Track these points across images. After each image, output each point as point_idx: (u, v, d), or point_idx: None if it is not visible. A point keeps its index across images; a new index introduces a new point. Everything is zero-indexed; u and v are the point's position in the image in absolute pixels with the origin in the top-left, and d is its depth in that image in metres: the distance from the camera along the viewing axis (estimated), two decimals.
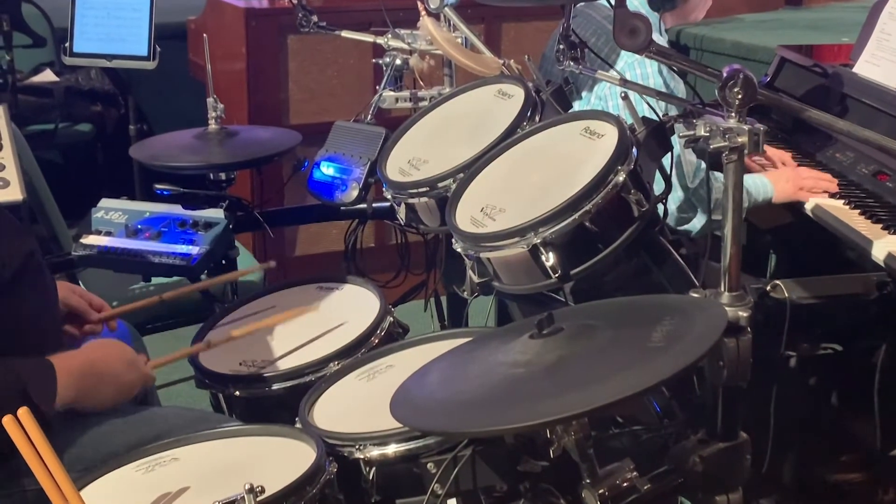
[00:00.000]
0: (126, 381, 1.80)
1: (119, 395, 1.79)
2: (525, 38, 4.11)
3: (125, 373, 1.80)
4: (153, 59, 3.48)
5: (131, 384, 1.81)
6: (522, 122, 1.99)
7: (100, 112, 4.73)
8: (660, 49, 1.68)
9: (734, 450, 1.61)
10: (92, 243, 2.46)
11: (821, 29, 4.04)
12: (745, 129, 1.51)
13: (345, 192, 2.47)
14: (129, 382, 1.81)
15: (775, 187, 2.50)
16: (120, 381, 1.79)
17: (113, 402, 1.79)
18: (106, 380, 1.76)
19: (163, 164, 2.59)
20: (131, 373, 1.81)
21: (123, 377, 1.79)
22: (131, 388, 1.82)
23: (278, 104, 3.88)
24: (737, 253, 1.56)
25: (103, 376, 1.76)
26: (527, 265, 1.71)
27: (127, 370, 1.80)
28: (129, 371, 1.81)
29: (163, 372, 2.96)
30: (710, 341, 1.37)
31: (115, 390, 1.78)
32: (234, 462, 1.64)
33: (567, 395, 1.33)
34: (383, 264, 2.87)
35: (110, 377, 1.77)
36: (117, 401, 1.79)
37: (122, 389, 1.79)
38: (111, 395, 1.78)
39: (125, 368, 1.80)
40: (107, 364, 1.77)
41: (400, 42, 2.66)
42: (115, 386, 1.78)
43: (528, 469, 1.61)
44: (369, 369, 1.91)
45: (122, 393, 1.80)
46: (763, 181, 2.50)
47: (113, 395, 1.78)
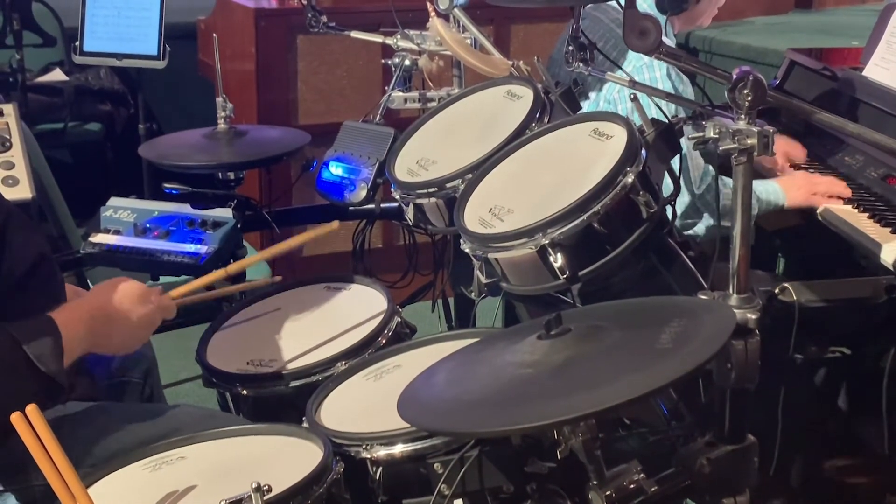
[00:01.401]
0: (141, 316, 1.75)
1: (140, 330, 1.75)
2: (534, 39, 4.11)
3: (137, 307, 1.74)
4: (163, 59, 3.49)
5: (147, 318, 1.76)
6: (531, 123, 1.99)
7: (109, 111, 4.75)
8: (669, 50, 1.68)
9: (742, 452, 1.61)
10: (100, 242, 2.46)
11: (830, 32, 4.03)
12: (755, 130, 1.51)
13: (353, 192, 2.47)
14: (145, 316, 1.75)
15: (787, 194, 2.48)
16: (135, 316, 1.74)
17: (134, 340, 1.75)
18: (119, 320, 1.72)
19: (172, 164, 2.60)
20: (144, 306, 1.75)
21: (136, 312, 1.74)
22: (148, 322, 1.77)
23: (287, 104, 3.88)
24: (745, 255, 1.56)
25: (115, 316, 1.71)
26: (535, 266, 1.71)
27: (139, 304, 1.74)
28: (142, 305, 1.75)
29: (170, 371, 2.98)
30: (719, 343, 1.37)
31: (134, 327, 1.74)
32: (241, 461, 1.64)
33: (575, 396, 1.33)
34: (391, 265, 2.87)
35: (122, 316, 1.72)
36: (138, 338, 1.76)
37: (140, 325, 1.75)
38: (129, 333, 1.73)
39: (136, 303, 1.74)
40: (115, 303, 1.72)
41: (409, 43, 2.66)
42: (129, 324, 1.73)
43: (535, 470, 1.61)
44: (377, 369, 1.91)
45: (141, 328, 1.75)
46: (775, 188, 2.49)
47: (131, 333, 1.74)
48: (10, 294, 1.66)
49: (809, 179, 2.52)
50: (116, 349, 1.75)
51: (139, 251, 2.43)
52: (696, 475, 1.58)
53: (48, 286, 1.76)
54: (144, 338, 1.78)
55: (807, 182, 2.51)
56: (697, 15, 2.65)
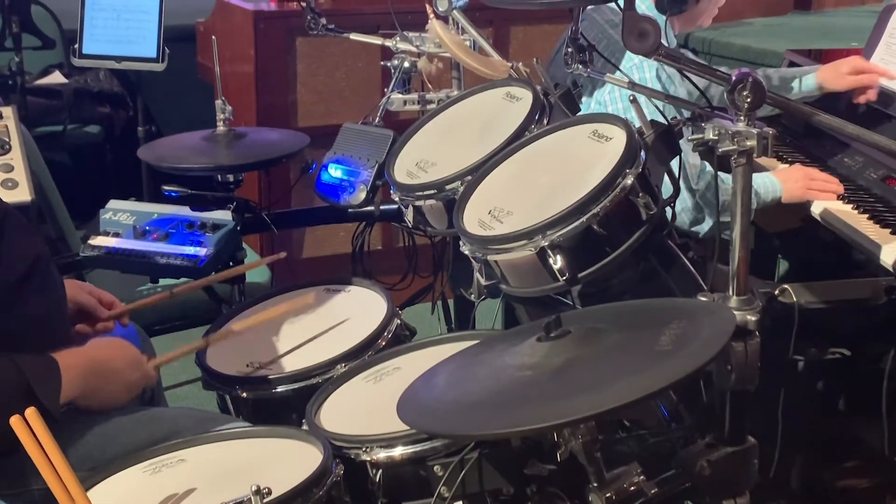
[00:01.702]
0: (130, 381, 1.80)
1: (123, 393, 1.79)
2: (533, 41, 4.11)
3: (129, 371, 1.80)
4: (162, 61, 3.49)
5: (135, 383, 1.82)
6: (531, 124, 1.99)
7: (108, 114, 4.74)
8: (669, 52, 1.68)
9: (742, 454, 1.60)
10: (100, 244, 2.46)
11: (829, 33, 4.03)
12: (754, 132, 1.51)
13: (352, 195, 2.47)
14: (133, 381, 1.81)
15: (784, 187, 2.49)
16: (123, 379, 1.79)
17: (116, 401, 1.79)
18: (110, 378, 1.76)
19: (171, 166, 2.60)
20: (135, 371, 1.81)
21: (127, 376, 1.79)
22: (135, 387, 1.82)
23: (287, 106, 3.88)
24: (745, 256, 1.56)
25: (107, 374, 1.76)
26: (534, 268, 1.71)
27: (130, 369, 1.80)
28: (133, 370, 1.81)
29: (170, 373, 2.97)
30: (718, 345, 1.37)
31: (119, 389, 1.78)
32: (240, 463, 1.64)
33: (574, 398, 1.33)
34: (391, 267, 2.86)
35: (114, 375, 1.77)
36: (121, 400, 1.79)
37: (125, 388, 1.79)
38: (115, 393, 1.78)
39: (129, 367, 1.80)
40: (111, 362, 1.77)
41: (408, 45, 2.66)
42: (118, 384, 1.78)
43: (535, 472, 1.61)
44: (376, 371, 1.91)
45: (126, 392, 1.80)
46: (772, 180, 2.49)
47: (117, 394, 1.78)
48: (8, 295, 1.66)
49: (806, 173, 2.52)
50: (99, 405, 1.77)
51: (138, 253, 2.43)
52: (697, 477, 1.58)
53: (46, 287, 1.77)
54: (125, 401, 1.81)
55: (804, 175, 2.51)
56: (697, 15, 2.64)
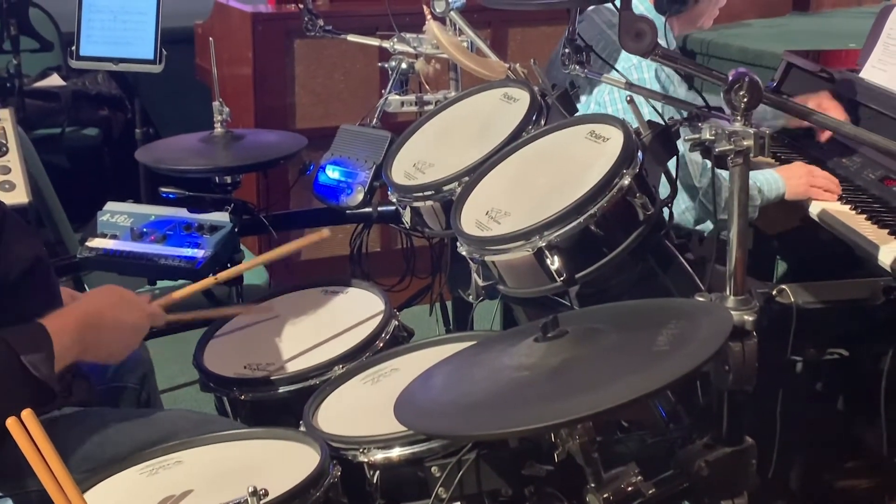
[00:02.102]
0: (130, 324, 1.76)
1: (128, 339, 1.76)
2: (532, 43, 4.11)
3: (128, 315, 1.75)
4: (159, 63, 3.49)
5: (136, 325, 1.77)
6: (528, 125, 1.98)
7: (106, 116, 4.74)
8: (665, 53, 1.68)
9: (740, 454, 1.61)
10: (97, 246, 2.46)
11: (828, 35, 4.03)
12: (751, 132, 1.51)
13: (350, 196, 2.47)
14: (134, 324, 1.77)
15: (787, 184, 2.49)
16: (124, 325, 1.75)
17: (123, 347, 1.76)
18: (108, 327, 1.72)
19: (168, 168, 2.59)
20: (133, 313, 1.77)
21: (126, 320, 1.75)
22: (138, 329, 1.78)
23: (285, 108, 3.88)
24: (742, 257, 1.56)
25: (104, 324, 1.72)
26: (532, 269, 1.71)
27: (129, 313, 1.76)
28: (131, 312, 1.76)
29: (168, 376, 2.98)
30: (716, 345, 1.37)
31: (122, 335, 1.75)
32: (238, 465, 1.63)
33: (571, 398, 1.33)
34: (389, 268, 2.86)
35: (112, 324, 1.73)
36: (128, 345, 1.76)
37: (128, 333, 1.76)
38: (118, 341, 1.74)
39: (126, 311, 1.76)
40: (105, 311, 1.73)
41: (406, 46, 2.66)
42: (120, 331, 1.74)
43: (532, 473, 1.60)
44: (374, 373, 1.90)
45: (131, 336, 1.76)
46: (775, 177, 2.49)
47: (121, 341, 1.75)
48: (6, 296, 1.66)
49: (809, 170, 2.52)
50: (106, 357, 1.75)
51: (136, 255, 2.42)
52: (695, 477, 1.58)
53: (44, 289, 1.76)
54: (133, 345, 1.78)
55: (807, 173, 2.51)
56: (697, 16, 2.64)
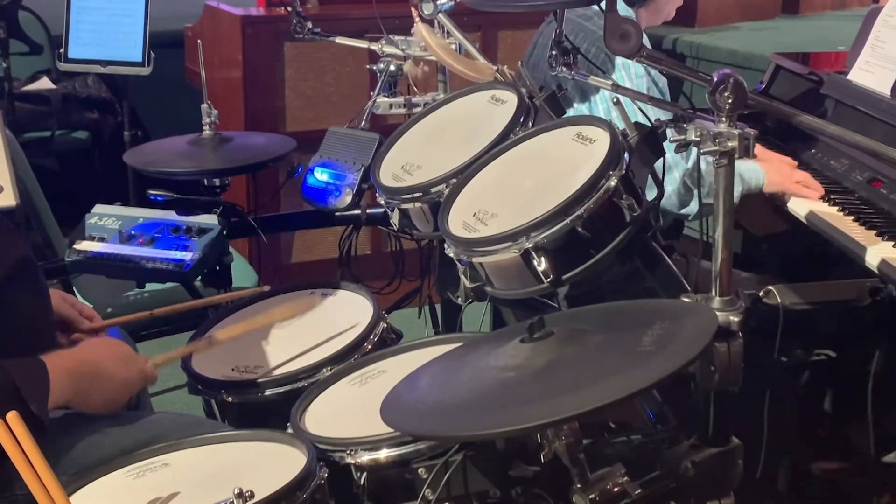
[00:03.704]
0: (124, 380, 1.75)
1: (117, 394, 1.75)
2: (521, 45, 4.10)
3: (122, 371, 1.75)
4: (148, 65, 3.49)
5: (129, 383, 1.76)
6: (515, 127, 1.99)
7: (96, 119, 4.74)
8: (651, 53, 1.68)
9: (726, 455, 1.61)
10: (85, 249, 2.45)
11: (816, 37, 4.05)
12: (736, 133, 1.51)
13: (339, 198, 2.47)
14: (127, 381, 1.76)
15: (767, 175, 2.50)
16: (117, 380, 1.74)
17: (111, 402, 1.75)
18: (102, 378, 1.72)
19: (157, 170, 2.59)
20: (129, 371, 1.76)
21: (120, 376, 1.74)
22: (130, 386, 1.77)
23: (275, 111, 3.88)
24: (728, 257, 1.56)
25: (99, 375, 1.72)
26: (519, 270, 1.71)
27: (124, 368, 1.75)
28: (127, 369, 1.76)
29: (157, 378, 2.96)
30: (701, 345, 1.37)
31: (113, 389, 1.74)
32: (224, 467, 1.63)
33: (557, 398, 1.33)
34: (378, 271, 2.86)
35: (106, 376, 1.72)
36: (116, 401, 1.75)
37: (120, 388, 1.75)
38: (108, 394, 1.73)
39: (122, 367, 1.75)
40: (102, 362, 1.73)
41: (394, 48, 2.66)
42: (112, 385, 1.73)
43: (519, 474, 1.61)
44: (362, 375, 1.90)
45: (121, 392, 1.75)
46: (756, 167, 2.51)
47: (110, 395, 1.74)
48: None
49: (791, 165, 2.54)
50: (94, 408, 1.73)
51: (124, 258, 2.41)
52: (681, 478, 1.58)
53: (32, 289, 1.76)
54: (122, 401, 1.78)
55: (787, 168, 2.52)
56: (663, 5, 2.66)
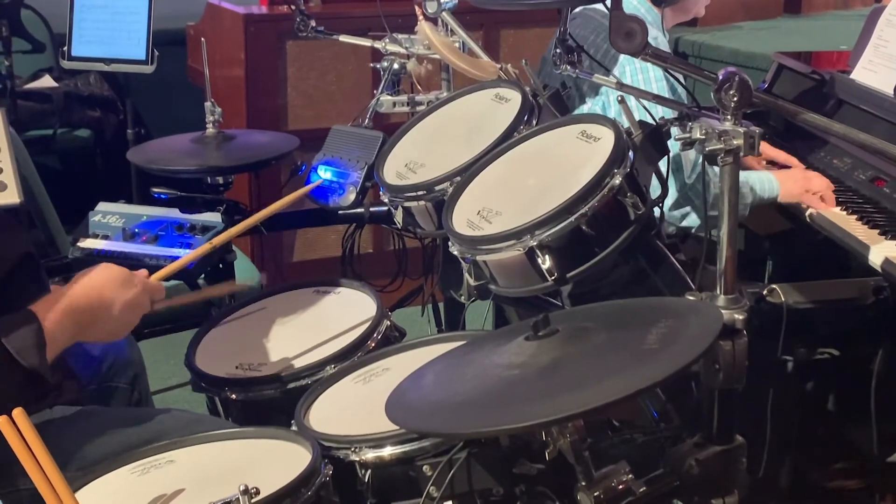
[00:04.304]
0: (126, 301, 1.72)
1: (125, 316, 1.72)
2: (524, 44, 4.12)
3: (121, 292, 1.71)
4: (151, 63, 3.49)
5: (134, 303, 1.73)
6: (519, 125, 1.99)
7: (98, 118, 4.73)
8: (656, 52, 1.68)
9: (730, 453, 1.61)
10: (89, 247, 2.45)
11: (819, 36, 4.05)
12: (741, 131, 1.51)
13: (342, 196, 2.47)
14: (130, 301, 1.72)
15: (783, 186, 2.49)
16: (118, 302, 1.70)
17: (122, 326, 1.72)
18: (103, 307, 1.69)
19: (160, 168, 2.59)
20: (129, 290, 1.72)
21: (120, 298, 1.71)
22: (135, 305, 1.73)
23: (277, 110, 3.88)
24: (732, 256, 1.56)
25: (98, 304, 1.68)
26: (523, 268, 1.72)
27: (123, 290, 1.72)
28: (127, 290, 1.72)
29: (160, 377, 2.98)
30: (705, 343, 1.37)
31: (118, 314, 1.71)
32: (229, 464, 1.63)
33: (562, 396, 1.33)
34: (381, 269, 2.86)
35: (106, 302, 1.69)
36: (126, 322, 1.72)
37: (124, 310, 1.72)
38: (115, 319, 1.71)
39: (121, 289, 1.71)
40: (99, 290, 1.69)
41: (398, 46, 2.67)
42: (115, 310, 1.70)
43: (523, 472, 1.61)
44: (365, 372, 1.91)
45: (128, 313, 1.72)
46: (770, 178, 2.50)
47: (118, 319, 1.71)
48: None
49: (805, 175, 2.52)
50: (104, 337, 1.72)
51: (127, 256, 2.41)
52: (685, 476, 1.58)
53: (33, 286, 1.76)
54: (133, 322, 1.74)
55: (803, 177, 2.51)
56: (692, 5, 2.66)
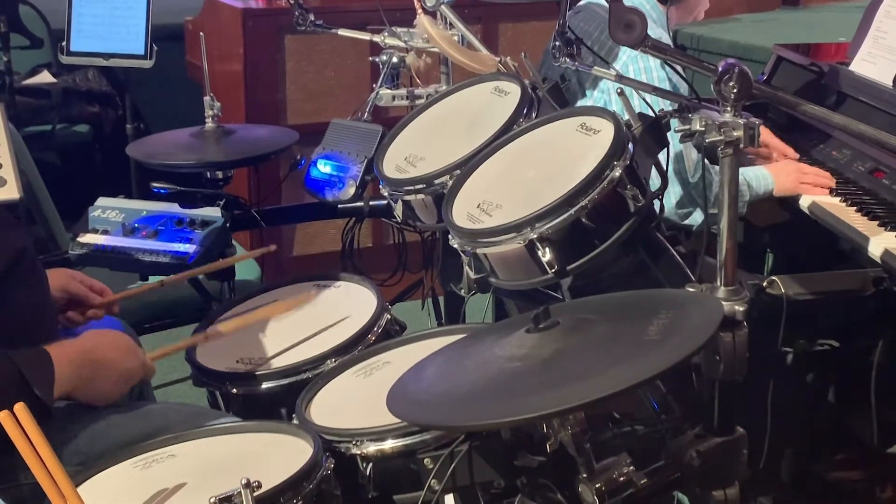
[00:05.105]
0: (125, 370, 1.77)
1: (118, 384, 1.76)
2: (522, 37, 4.11)
3: (123, 361, 1.76)
4: (150, 58, 3.48)
5: (130, 372, 1.78)
6: (519, 118, 1.99)
7: (97, 113, 4.73)
8: (655, 44, 1.68)
9: (731, 444, 1.61)
10: (89, 242, 2.46)
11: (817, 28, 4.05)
12: (741, 123, 1.51)
13: (342, 190, 2.47)
14: (129, 371, 1.77)
15: (776, 180, 2.50)
16: (118, 369, 1.75)
17: (113, 392, 1.76)
18: (105, 368, 1.73)
19: (159, 163, 2.59)
20: (130, 361, 1.78)
21: (121, 365, 1.76)
22: (130, 376, 1.78)
23: (276, 104, 3.88)
24: (733, 247, 1.56)
25: (102, 364, 1.73)
26: (523, 261, 1.72)
27: (125, 358, 1.77)
28: (128, 359, 1.77)
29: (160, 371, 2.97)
30: (706, 334, 1.37)
31: (114, 379, 1.75)
32: (230, 458, 1.63)
33: (563, 388, 1.33)
34: (381, 264, 2.86)
35: (108, 365, 1.74)
36: (117, 390, 1.76)
37: (121, 378, 1.76)
38: (110, 384, 1.75)
39: (123, 356, 1.77)
40: (104, 352, 1.75)
41: (396, 40, 2.66)
42: (113, 375, 1.75)
43: (525, 464, 1.61)
44: (366, 366, 1.91)
45: (122, 382, 1.77)
46: (764, 173, 2.51)
47: (112, 385, 1.75)
48: None
49: (798, 167, 2.54)
50: (94, 398, 1.75)
51: (127, 251, 2.42)
52: (686, 468, 1.58)
53: (30, 280, 1.76)
54: (123, 391, 1.79)
55: (796, 169, 2.53)
56: (694, 5, 2.67)
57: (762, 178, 2.50)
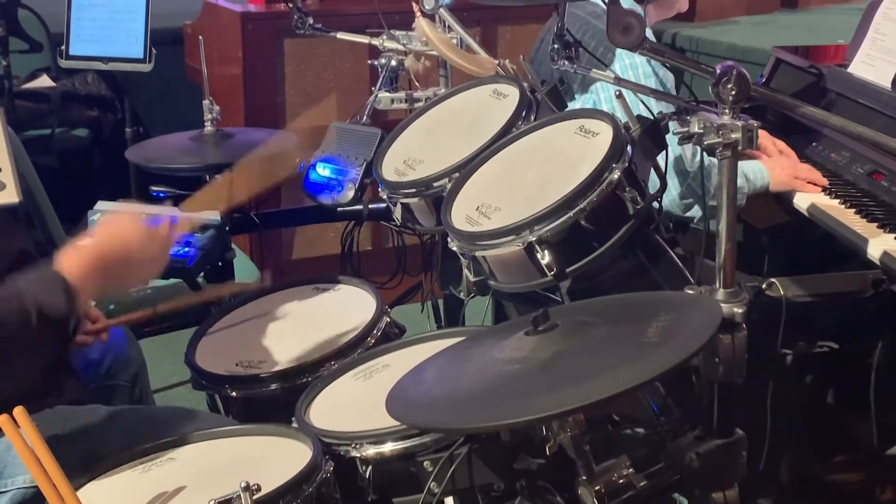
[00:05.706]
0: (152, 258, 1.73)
1: (154, 264, 1.74)
2: (521, 40, 4.12)
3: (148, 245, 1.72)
4: (149, 62, 3.49)
5: (159, 249, 1.74)
6: (517, 121, 1.99)
7: (96, 117, 4.73)
8: (654, 46, 1.68)
9: (730, 446, 1.61)
10: None
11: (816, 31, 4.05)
12: (739, 125, 1.52)
13: (341, 193, 2.47)
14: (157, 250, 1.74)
15: (771, 174, 2.50)
16: (147, 254, 1.71)
17: (152, 272, 1.74)
18: (132, 261, 1.69)
19: (159, 166, 2.60)
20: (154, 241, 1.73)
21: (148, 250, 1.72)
22: (163, 251, 1.75)
23: (275, 108, 3.88)
24: (731, 249, 1.57)
25: (127, 259, 1.69)
26: (522, 263, 1.72)
27: (148, 241, 1.72)
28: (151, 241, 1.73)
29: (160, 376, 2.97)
30: (705, 336, 1.37)
31: (148, 263, 1.72)
32: (230, 461, 1.64)
33: (562, 390, 1.33)
34: (380, 267, 2.86)
35: (136, 257, 1.70)
36: (156, 267, 1.74)
37: (154, 259, 1.73)
38: (146, 268, 1.72)
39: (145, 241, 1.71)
40: (126, 248, 1.69)
41: (395, 43, 2.67)
42: (144, 261, 1.71)
43: (524, 466, 1.61)
44: (366, 369, 1.91)
45: (156, 261, 1.74)
46: (760, 167, 2.51)
47: (149, 268, 1.73)
48: None
49: (792, 162, 2.54)
50: (137, 280, 1.74)
51: None
52: (686, 470, 1.58)
53: None
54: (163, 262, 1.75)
55: (790, 164, 2.53)
56: (673, 2, 2.67)
57: (758, 171, 2.50)
